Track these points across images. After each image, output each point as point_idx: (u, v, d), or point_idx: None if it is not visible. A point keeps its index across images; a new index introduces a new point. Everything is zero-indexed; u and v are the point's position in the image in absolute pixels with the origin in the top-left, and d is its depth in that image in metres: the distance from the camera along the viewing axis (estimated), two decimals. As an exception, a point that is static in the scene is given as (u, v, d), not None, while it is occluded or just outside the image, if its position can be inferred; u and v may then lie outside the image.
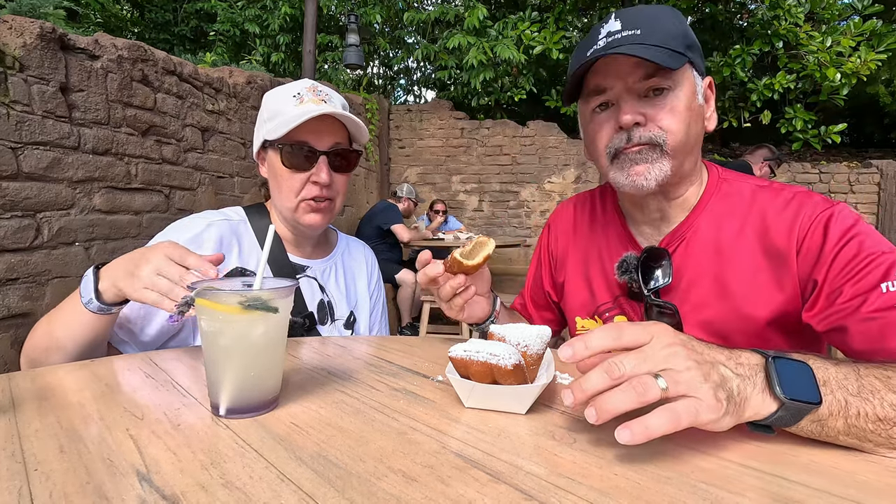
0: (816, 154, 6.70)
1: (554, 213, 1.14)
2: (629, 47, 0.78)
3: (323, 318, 1.10)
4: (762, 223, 0.82)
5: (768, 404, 0.50)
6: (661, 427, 0.45)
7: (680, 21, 0.82)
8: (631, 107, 0.81)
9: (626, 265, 0.90)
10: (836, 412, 0.50)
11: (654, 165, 0.82)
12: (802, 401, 0.49)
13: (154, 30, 8.57)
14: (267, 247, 0.65)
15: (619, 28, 0.81)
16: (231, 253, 1.03)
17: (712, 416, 0.47)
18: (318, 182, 1.01)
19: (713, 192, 0.88)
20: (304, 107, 0.99)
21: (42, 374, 0.70)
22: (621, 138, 0.83)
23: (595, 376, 0.49)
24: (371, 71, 8.75)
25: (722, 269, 0.83)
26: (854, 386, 0.52)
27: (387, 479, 0.43)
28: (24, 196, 1.88)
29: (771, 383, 0.50)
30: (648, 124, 0.81)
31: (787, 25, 5.87)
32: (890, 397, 0.51)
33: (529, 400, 0.58)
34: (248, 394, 0.57)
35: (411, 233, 4.50)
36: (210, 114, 3.03)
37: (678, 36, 0.80)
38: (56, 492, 0.40)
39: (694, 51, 0.82)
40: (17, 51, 1.85)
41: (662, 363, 0.49)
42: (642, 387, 0.46)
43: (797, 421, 0.51)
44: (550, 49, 6.32)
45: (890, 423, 0.50)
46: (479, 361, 0.57)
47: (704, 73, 0.86)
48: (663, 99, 0.80)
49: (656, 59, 0.75)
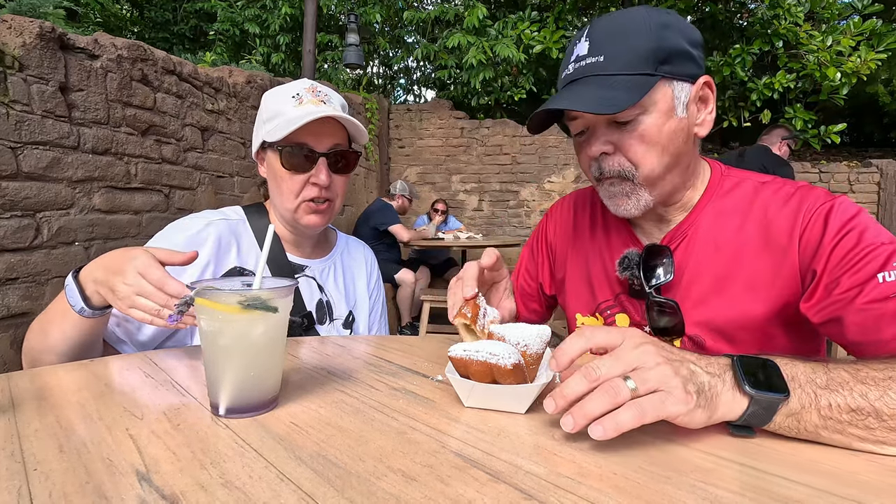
0: (816, 153, 6.69)
1: (552, 208, 1.13)
2: (583, 86, 0.77)
3: (321, 317, 1.10)
4: (764, 218, 0.82)
5: (739, 401, 0.52)
6: (629, 421, 0.48)
7: (654, 28, 0.76)
8: (598, 137, 0.81)
9: (627, 261, 0.89)
10: (808, 405, 0.51)
11: (630, 198, 0.83)
12: (770, 393, 0.51)
13: (153, 29, 8.57)
14: (266, 247, 0.65)
15: (586, 53, 0.79)
16: (229, 253, 1.03)
17: (681, 407, 0.49)
18: (317, 183, 1.01)
19: (715, 189, 0.88)
20: (304, 108, 0.99)
21: (41, 373, 0.70)
22: (595, 167, 0.84)
23: (573, 381, 0.51)
24: (371, 70, 8.74)
25: (724, 266, 0.83)
26: (822, 379, 0.53)
27: (386, 479, 0.43)
28: (24, 196, 1.88)
29: (738, 380, 0.52)
30: (617, 155, 0.81)
31: (787, 25, 5.87)
32: (860, 388, 0.52)
33: (529, 399, 0.58)
34: (248, 393, 0.57)
35: (411, 232, 4.49)
36: (210, 113, 3.03)
37: (648, 52, 0.75)
38: (55, 491, 0.40)
39: (675, 60, 0.77)
40: (17, 50, 1.85)
41: (634, 362, 0.51)
42: (613, 390, 0.49)
43: (771, 416, 0.51)
44: (550, 48, 6.32)
45: (864, 413, 0.51)
46: (478, 361, 0.57)
47: (699, 72, 0.81)
48: (633, 127, 0.78)
49: (601, 107, 0.73)
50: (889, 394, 0.51)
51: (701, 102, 0.83)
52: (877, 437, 0.51)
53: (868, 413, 0.50)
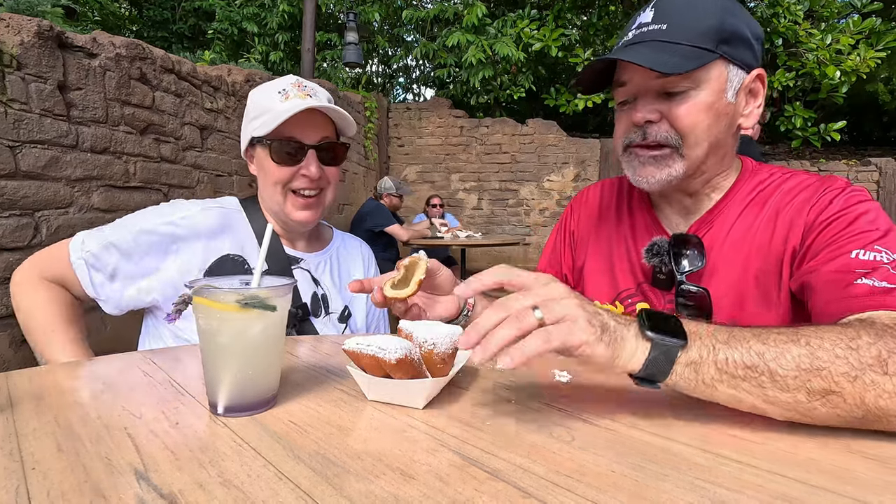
0: (816, 152, 6.69)
1: (578, 194, 1.13)
2: (643, 47, 0.78)
3: (316, 309, 1.10)
4: (786, 209, 0.82)
5: (642, 346, 0.54)
6: (534, 347, 0.50)
7: (722, 8, 0.78)
8: (645, 105, 0.81)
9: (657, 247, 0.88)
10: (706, 356, 0.53)
11: (662, 170, 0.83)
12: (670, 337, 0.54)
13: (152, 28, 8.56)
14: (265, 246, 0.65)
15: (649, 20, 0.80)
16: (224, 240, 1.04)
17: (585, 336, 0.52)
18: (307, 175, 1.03)
19: (742, 183, 0.88)
20: (290, 102, 1.00)
21: (40, 373, 0.69)
22: (637, 134, 0.84)
23: (486, 315, 0.54)
24: (370, 69, 8.74)
25: (747, 256, 0.83)
26: (724, 336, 0.55)
27: (385, 477, 0.43)
28: (23, 195, 1.87)
29: (641, 326, 0.55)
30: (663, 122, 0.81)
31: (787, 23, 5.87)
32: (758, 347, 0.53)
33: (422, 394, 0.58)
34: (246, 392, 0.57)
35: (409, 231, 4.47)
36: (208, 112, 3.02)
37: (711, 29, 0.77)
38: (54, 490, 0.40)
39: (735, 43, 0.79)
40: (15, 49, 1.84)
41: (543, 295, 0.54)
42: (520, 318, 0.52)
43: (671, 363, 0.53)
44: (550, 47, 6.31)
45: (758, 371, 0.52)
46: (367, 355, 0.57)
47: (755, 64, 0.82)
48: (681, 98, 0.79)
49: (658, 65, 0.74)
50: (785, 356, 0.52)
51: (751, 95, 0.84)
52: (767, 397, 0.52)
53: (762, 372, 0.52)
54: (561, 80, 7.84)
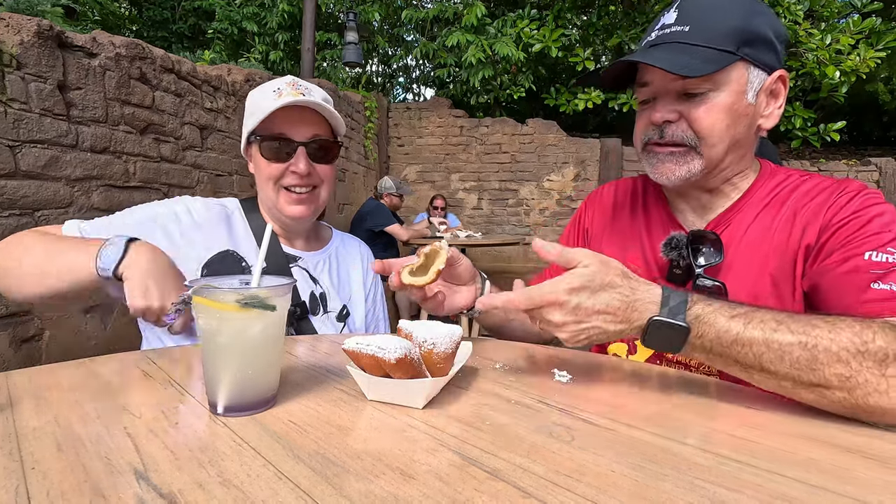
0: (816, 152, 6.70)
1: (593, 192, 1.13)
2: (664, 49, 0.79)
3: (315, 308, 1.10)
4: (803, 211, 0.82)
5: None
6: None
7: (745, 10, 0.79)
8: (665, 105, 0.82)
9: (676, 241, 0.89)
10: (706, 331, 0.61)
11: (681, 167, 0.84)
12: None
13: (152, 28, 8.56)
14: (265, 245, 0.65)
15: (672, 21, 0.81)
16: (220, 235, 1.05)
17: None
18: (296, 172, 1.03)
19: (761, 185, 0.88)
20: (282, 99, 1.01)
21: (40, 372, 0.69)
22: (655, 132, 0.85)
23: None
24: (370, 69, 8.73)
25: (764, 256, 0.83)
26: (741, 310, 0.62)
27: (384, 477, 0.43)
28: (22, 194, 1.87)
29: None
30: (681, 122, 0.82)
31: (787, 23, 5.86)
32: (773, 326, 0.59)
33: (422, 394, 0.58)
34: (246, 392, 0.57)
35: (409, 231, 4.48)
36: (208, 112, 3.02)
37: (733, 31, 0.77)
38: (53, 490, 0.40)
39: (757, 45, 0.79)
40: (15, 48, 1.84)
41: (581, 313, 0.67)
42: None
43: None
44: (549, 47, 6.31)
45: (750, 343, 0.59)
46: (367, 355, 0.57)
47: (777, 66, 0.82)
48: (701, 99, 0.80)
49: (678, 68, 0.75)
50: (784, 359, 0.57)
51: (771, 96, 0.85)
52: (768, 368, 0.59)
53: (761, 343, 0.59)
54: (561, 80, 7.84)
